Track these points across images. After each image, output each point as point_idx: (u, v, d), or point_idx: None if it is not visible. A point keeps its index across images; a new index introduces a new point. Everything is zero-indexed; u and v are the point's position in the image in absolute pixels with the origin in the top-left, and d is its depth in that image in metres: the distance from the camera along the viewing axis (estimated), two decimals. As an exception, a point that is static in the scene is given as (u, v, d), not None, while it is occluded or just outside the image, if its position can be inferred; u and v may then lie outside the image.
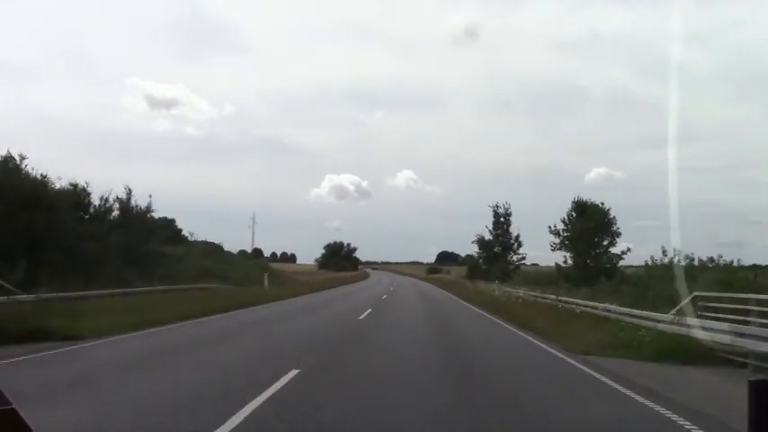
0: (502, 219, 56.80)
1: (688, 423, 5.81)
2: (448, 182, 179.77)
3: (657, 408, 6.54)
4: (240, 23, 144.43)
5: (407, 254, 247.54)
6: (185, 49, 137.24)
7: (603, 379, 8.48)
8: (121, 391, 6.86)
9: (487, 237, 57.78)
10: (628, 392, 7.46)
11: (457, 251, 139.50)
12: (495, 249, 56.88)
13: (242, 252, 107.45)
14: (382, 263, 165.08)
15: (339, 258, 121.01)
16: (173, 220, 53.04)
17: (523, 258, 56.35)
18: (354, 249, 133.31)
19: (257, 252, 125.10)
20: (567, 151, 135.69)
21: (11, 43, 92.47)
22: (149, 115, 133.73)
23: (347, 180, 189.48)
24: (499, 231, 56.69)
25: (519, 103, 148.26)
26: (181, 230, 53.86)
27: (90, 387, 7.20)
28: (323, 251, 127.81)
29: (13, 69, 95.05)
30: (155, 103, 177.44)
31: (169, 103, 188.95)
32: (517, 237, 56.34)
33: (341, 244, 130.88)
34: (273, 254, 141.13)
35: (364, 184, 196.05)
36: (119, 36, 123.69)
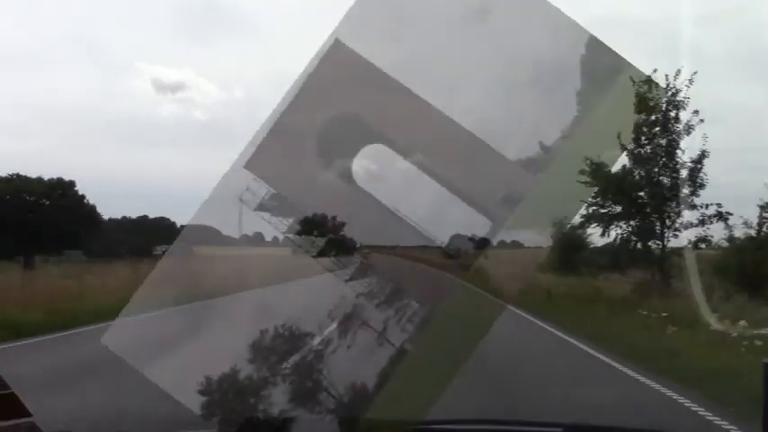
0: (663, 109, 19.02)
1: None
2: (457, 164, 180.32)
3: None
4: (248, 6, 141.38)
5: (418, 237, 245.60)
6: (192, 32, 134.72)
7: None
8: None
9: (621, 162, 19.41)
10: None
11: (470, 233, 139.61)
12: (641, 194, 19.39)
13: (244, 237, 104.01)
14: (391, 246, 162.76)
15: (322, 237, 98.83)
16: (71, 183, 43.39)
17: (719, 216, 18.68)
18: (342, 225, 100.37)
19: (258, 236, 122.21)
20: (576, 133, 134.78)
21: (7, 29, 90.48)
22: (155, 100, 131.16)
23: (356, 163, 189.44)
24: (651, 145, 19.27)
25: (528, 85, 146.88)
26: (83, 197, 43.98)
27: None
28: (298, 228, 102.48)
29: (14, 55, 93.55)
30: (161, 87, 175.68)
31: (175, 87, 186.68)
32: (700, 160, 18.59)
33: (323, 217, 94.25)
34: (275, 238, 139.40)
35: (373, 167, 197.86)
36: (125, 20, 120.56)
